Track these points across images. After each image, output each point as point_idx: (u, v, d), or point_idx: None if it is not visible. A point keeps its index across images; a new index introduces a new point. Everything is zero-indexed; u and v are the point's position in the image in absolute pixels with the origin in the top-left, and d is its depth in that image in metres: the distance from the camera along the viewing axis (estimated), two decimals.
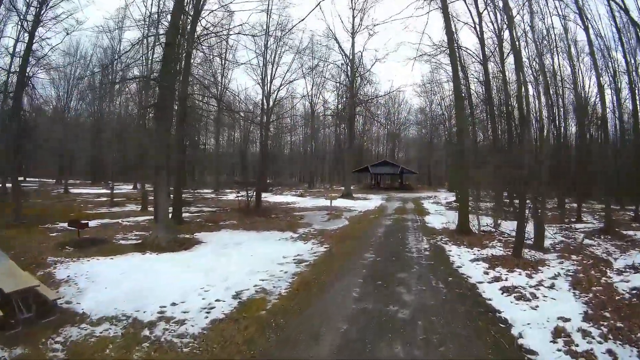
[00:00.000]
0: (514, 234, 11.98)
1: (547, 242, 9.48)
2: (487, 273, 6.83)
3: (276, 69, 36.14)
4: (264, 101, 20.57)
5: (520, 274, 6.74)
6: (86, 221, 10.29)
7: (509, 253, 8.35)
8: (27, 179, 37.24)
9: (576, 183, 17.56)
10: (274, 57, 35.62)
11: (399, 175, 40.31)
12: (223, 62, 32.93)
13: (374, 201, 24.19)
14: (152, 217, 13.23)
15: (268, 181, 51.31)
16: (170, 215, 13.17)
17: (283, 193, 31.39)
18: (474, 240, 9.83)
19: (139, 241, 9.27)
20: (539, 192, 9.17)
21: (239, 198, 16.38)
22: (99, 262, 7.12)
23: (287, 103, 44.04)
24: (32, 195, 19.05)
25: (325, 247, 8.94)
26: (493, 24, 18.60)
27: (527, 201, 8.68)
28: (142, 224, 12.35)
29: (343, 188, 29.68)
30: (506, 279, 6.44)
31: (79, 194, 23.91)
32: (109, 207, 17.14)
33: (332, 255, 8.11)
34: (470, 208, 11.69)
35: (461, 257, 8.06)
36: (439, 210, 18.00)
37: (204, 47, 14.73)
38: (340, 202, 21.47)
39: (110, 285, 5.64)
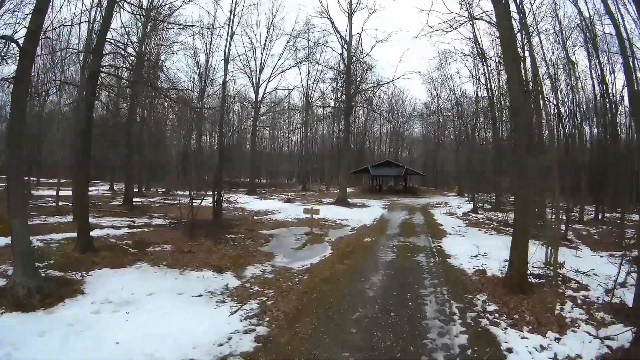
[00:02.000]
0: (584, 280, 7.75)
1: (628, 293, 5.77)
2: None
3: (266, 57, 32.09)
4: (214, 85, 16.32)
5: None
6: None
7: (613, 343, 4.25)
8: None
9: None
10: (264, 44, 31.38)
11: (402, 177, 35.85)
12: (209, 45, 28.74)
13: (372, 210, 19.88)
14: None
15: (264, 181, 47.57)
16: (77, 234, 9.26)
17: (271, 197, 27.39)
18: (538, 306, 5.53)
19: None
20: None
21: (194, 205, 12.05)
22: None
23: (276, 96, 40.17)
24: None
25: (258, 339, 4.49)
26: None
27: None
28: (53, 246, 8.88)
29: (338, 191, 25.38)
30: None
31: (42, 197, 20.17)
32: (48, 217, 13.20)
33: None
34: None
35: None
36: (457, 228, 13.64)
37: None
38: (330, 211, 17.21)
39: None
